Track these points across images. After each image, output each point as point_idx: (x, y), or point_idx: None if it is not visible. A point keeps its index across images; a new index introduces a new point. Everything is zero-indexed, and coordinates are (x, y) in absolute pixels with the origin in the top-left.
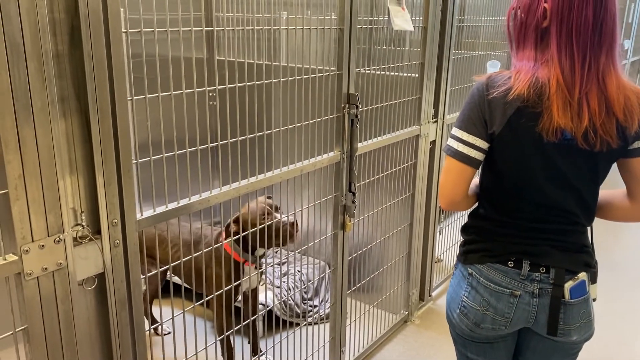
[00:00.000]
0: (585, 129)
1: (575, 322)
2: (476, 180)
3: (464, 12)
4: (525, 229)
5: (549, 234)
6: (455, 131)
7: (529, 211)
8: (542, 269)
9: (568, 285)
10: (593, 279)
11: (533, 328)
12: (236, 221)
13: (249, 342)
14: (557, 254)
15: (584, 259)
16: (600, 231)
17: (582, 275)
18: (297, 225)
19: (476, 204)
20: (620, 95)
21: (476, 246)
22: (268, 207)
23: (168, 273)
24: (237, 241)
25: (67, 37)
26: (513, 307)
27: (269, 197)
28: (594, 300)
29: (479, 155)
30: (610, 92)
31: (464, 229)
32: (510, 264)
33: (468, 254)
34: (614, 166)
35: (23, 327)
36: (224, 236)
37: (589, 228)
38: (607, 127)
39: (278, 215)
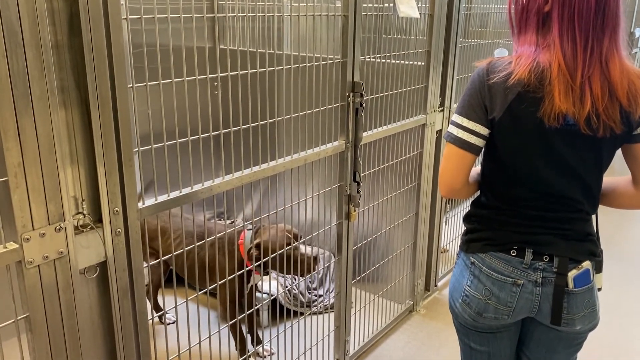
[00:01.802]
0: (588, 114)
1: (579, 311)
2: (478, 168)
3: (471, 0)
4: (527, 217)
5: (552, 222)
6: (456, 117)
7: (531, 199)
8: (546, 258)
9: (572, 274)
10: (598, 268)
11: (536, 318)
12: (257, 246)
13: (247, 333)
14: (561, 242)
15: (588, 248)
16: (606, 220)
17: (587, 264)
18: (318, 259)
19: (478, 192)
20: (624, 79)
21: (478, 235)
22: (290, 236)
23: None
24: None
25: (66, 26)
26: (516, 297)
27: (288, 232)
28: (599, 289)
29: (479, 142)
30: (613, 77)
31: (466, 218)
32: (513, 252)
33: (470, 243)
34: (619, 153)
35: (25, 316)
36: (243, 252)
37: (593, 216)
38: (610, 112)
39: (302, 247)
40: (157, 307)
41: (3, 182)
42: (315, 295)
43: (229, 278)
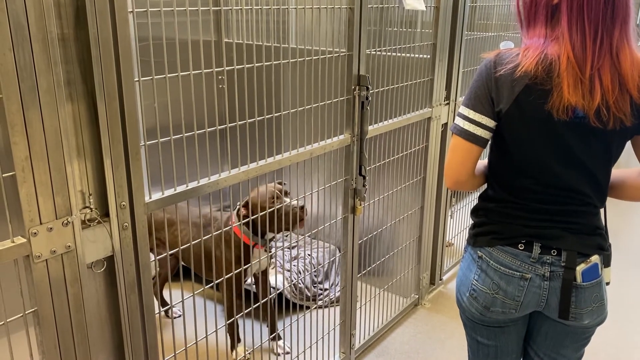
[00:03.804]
0: (598, 107)
1: (587, 305)
2: (484, 160)
3: None
4: (535, 210)
5: (560, 216)
6: (462, 109)
7: (539, 192)
8: (554, 252)
9: (580, 268)
10: (606, 262)
11: (544, 312)
12: (245, 205)
13: (267, 326)
14: (569, 236)
15: (596, 242)
16: (612, 213)
17: (595, 258)
18: (305, 209)
19: (484, 185)
20: (635, 71)
21: (486, 229)
22: (277, 192)
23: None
24: (247, 225)
25: (72, 20)
26: (523, 291)
27: (280, 183)
28: (608, 283)
29: (485, 134)
30: (624, 68)
31: (474, 211)
32: (521, 246)
33: (478, 237)
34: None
35: (33, 310)
36: (233, 220)
37: (602, 210)
38: (621, 104)
39: (287, 200)
40: (163, 302)
41: (10, 177)
42: (321, 289)
43: (234, 273)
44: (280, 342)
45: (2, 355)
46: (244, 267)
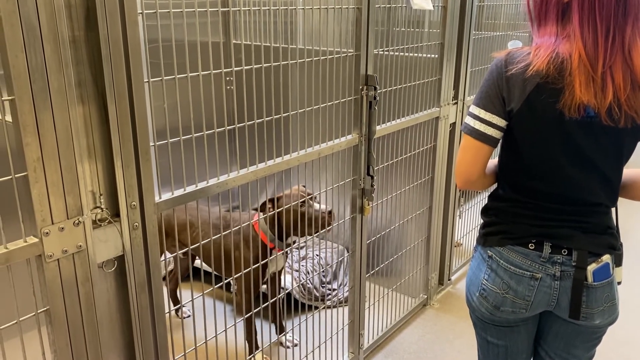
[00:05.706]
0: (610, 105)
1: (598, 305)
2: (495, 159)
3: None
4: (545, 210)
5: (570, 215)
6: (473, 109)
7: (549, 192)
8: (564, 251)
9: (591, 267)
10: (618, 262)
11: (555, 311)
12: (272, 200)
13: (276, 326)
14: (580, 235)
15: (608, 241)
16: (626, 213)
17: (606, 258)
18: (333, 214)
19: (495, 185)
20: None
21: (496, 228)
22: (303, 194)
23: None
24: (271, 227)
25: (82, 21)
26: (534, 290)
27: (303, 186)
28: (619, 283)
29: (496, 134)
30: (636, 65)
31: (484, 211)
32: (531, 246)
33: (487, 236)
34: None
35: (45, 309)
36: (256, 217)
37: (613, 209)
38: (632, 101)
39: (316, 205)
40: (175, 301)
41: (23, 177)
42: (329, 290)
43: (251, 268)
44: (288, 337)
45: (15, 353)
46: (262, 268)
